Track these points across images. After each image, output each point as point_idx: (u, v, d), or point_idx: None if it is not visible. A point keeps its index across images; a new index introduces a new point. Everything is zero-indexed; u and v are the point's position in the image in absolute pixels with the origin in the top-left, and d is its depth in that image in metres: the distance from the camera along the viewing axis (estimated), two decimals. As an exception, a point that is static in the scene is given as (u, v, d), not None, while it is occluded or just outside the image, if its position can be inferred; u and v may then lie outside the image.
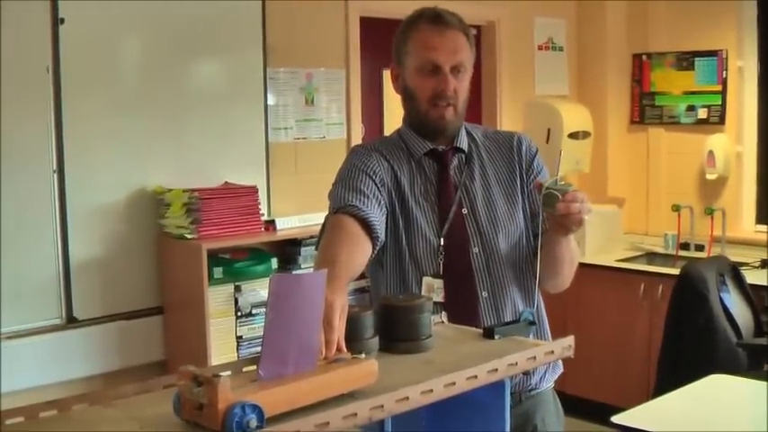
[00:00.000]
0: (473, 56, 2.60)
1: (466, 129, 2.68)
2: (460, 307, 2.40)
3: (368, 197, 2.45)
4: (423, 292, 2.51)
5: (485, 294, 2.55)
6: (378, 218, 2.41)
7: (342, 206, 2.41)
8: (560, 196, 2.24)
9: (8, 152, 3.81)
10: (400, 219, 2.56)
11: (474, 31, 2.74)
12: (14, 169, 3.83)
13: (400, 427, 1.71)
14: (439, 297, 2.50)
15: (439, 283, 2.52)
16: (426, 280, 2.53)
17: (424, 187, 2.59)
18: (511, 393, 1.95)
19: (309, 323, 1.60)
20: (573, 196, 2.26)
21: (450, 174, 2.61)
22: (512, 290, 2.58)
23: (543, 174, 2.68)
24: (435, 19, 2.52)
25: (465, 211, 2.58)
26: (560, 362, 2.71)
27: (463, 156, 2.63)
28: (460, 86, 2.54)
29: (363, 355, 1.70)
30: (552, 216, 2.32)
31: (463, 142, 2.64)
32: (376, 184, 2.51)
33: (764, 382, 3.85)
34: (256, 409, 1.42)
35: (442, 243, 2.54)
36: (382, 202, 2.50)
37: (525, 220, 2.64)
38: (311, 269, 4.40)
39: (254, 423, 1.41)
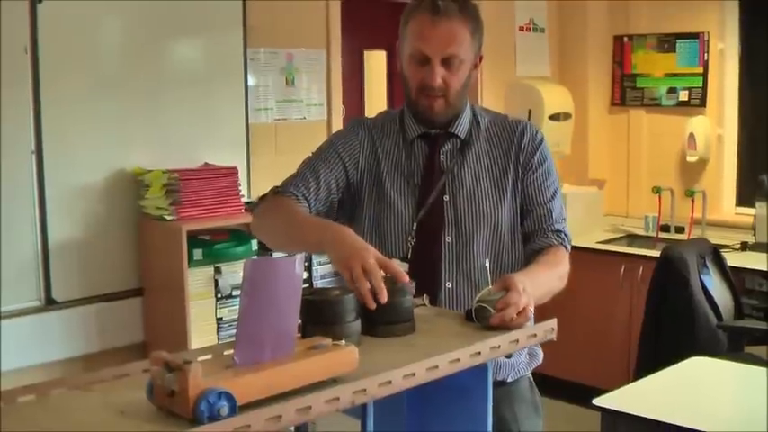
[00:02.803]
0: (476, 44, 2.50)
1: (474, 113, 2.63)
2: (421, 294, 2.25)
3: (319, 183, 2.52)
4: None
5: (449, 285, 2.51)
6: (314, 206, 2.51)
7: (287, 190, 2.51)
8: (492, 310, 1.99)
9: (-15, 133, 3.78)
10: (375, 198, 2.56)
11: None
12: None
13: (383, 411, 1.70)
14: None
15: (405, 266, 2.48)
16: (393, 261, 2.50)
17: (409, 169, 2.56)
18: None
19: (286, 308, 1.58)
20: (505, 302, 2.00)
21: (437, 159, 2.57)
22: (479, 284, 2.42)
23: (545, 169, 2.59)
24: (433, 7, 2.42)
25: (446, 198, 2.53)
26: (540, 351, 2.66)
27: (458, 141, 2.58)
28: (453, 78, 2.46)
29: (344, 342, 1.68)
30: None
31: (461, 128, 2.58)
32: (344, 166, 2.57)
33: (744, 364, 3.87)
34: (228, 397, 1.40)
35: (414, 227, 2.51)
36: (333, 189, 2.54)
37: (513, 217, 2.57)
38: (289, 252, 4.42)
39: (225, 411, 1.39)
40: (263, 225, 2.54)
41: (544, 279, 2.38)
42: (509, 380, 2.58)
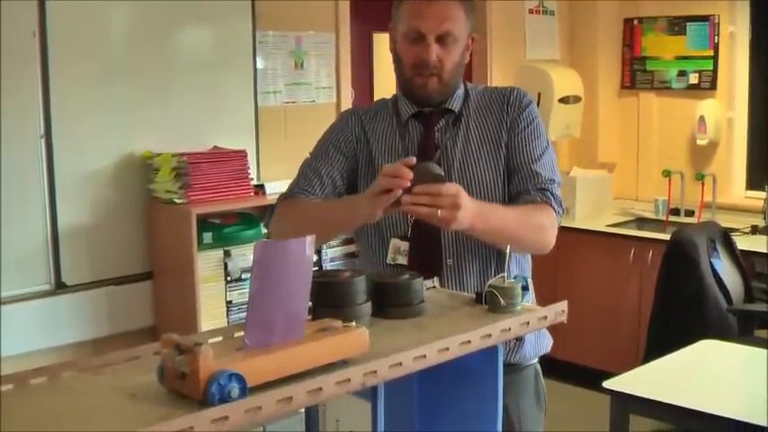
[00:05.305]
0: (469, 24, 2.53)
1: (466, 87, 2.64)
2: (423, 272, 2.18)
3: (322, 180, 2.57)
4: (389, 254, 2.51)
5: (449, 262, 2.50)
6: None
7: (293, 192, 2.58)
8: (501, 299, 1.91)
9: (-5, 117, 3.78)
10: (369, 182, 2.51)
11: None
12: (1, 135, 3.79)
13: (393, 393, 1.70)
14: (404, 260, 2.48)
15: (405, 245, 2.50)
16: (394, 241, 2.52)
17: (404, 149, 2.56)
18: None
19: (296, 291, 1.57)
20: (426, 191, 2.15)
21: (432, 136, 2.57)
22: (479, 259, 2.49)
23: (533, 128, 2.56)
24: None
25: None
26: (549, 337, 2.66)
27: (452, 116, 2.59)
28: (447, 56, 2.49)
29: (354, 324, 1.67)
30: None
31: (455, 103, 2.59)
32: (344, 154, 2.61)
33: (754, 348, 3.86)
34: (239, 379, 1.40)
35: None
36: (338, 181, 2.59)
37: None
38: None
39: (236, 392, 1.39)
40: (285, 228, 2.54)
41: (503, 215, 2.36)
42: (519, 363, 2.57)
